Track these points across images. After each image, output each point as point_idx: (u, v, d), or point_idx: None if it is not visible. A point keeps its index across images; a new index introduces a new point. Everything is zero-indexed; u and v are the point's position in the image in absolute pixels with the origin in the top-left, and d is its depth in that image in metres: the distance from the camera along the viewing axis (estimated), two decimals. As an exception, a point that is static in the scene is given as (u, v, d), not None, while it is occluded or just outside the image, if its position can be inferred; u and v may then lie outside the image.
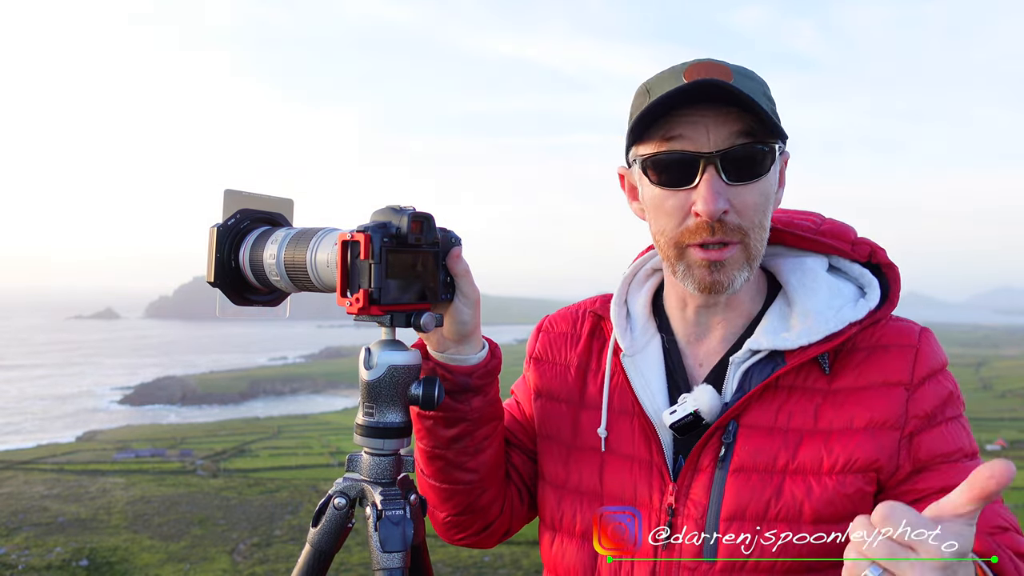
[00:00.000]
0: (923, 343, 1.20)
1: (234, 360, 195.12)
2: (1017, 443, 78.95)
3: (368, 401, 1.15)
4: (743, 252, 1.15)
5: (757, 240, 1.16)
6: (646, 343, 1.31)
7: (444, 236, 1.17)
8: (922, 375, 1.17)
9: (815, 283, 1.23)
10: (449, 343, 1.24)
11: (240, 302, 1.24)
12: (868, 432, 1.14)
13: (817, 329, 1.17)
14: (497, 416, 1.32)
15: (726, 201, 1.11)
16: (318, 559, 1.17)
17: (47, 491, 40.50)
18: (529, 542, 38.00)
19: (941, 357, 1.22)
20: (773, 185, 1.17)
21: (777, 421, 1.17)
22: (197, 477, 52.83)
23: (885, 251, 1.26)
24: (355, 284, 1.08)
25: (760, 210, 1.15)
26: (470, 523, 1.37)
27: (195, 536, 34.42)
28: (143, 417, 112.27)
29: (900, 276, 1.25)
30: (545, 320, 1.48)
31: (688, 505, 1.17)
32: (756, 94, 1.11)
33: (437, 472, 1.31)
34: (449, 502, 1.34)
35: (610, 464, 1.26)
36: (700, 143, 1.11)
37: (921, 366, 1.18)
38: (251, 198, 1.26)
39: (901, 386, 1.16)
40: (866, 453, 1.13)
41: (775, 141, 1.14)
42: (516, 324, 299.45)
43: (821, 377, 1.18)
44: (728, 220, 1.13)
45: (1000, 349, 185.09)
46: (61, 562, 29.07)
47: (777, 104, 1.20)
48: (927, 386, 1.17)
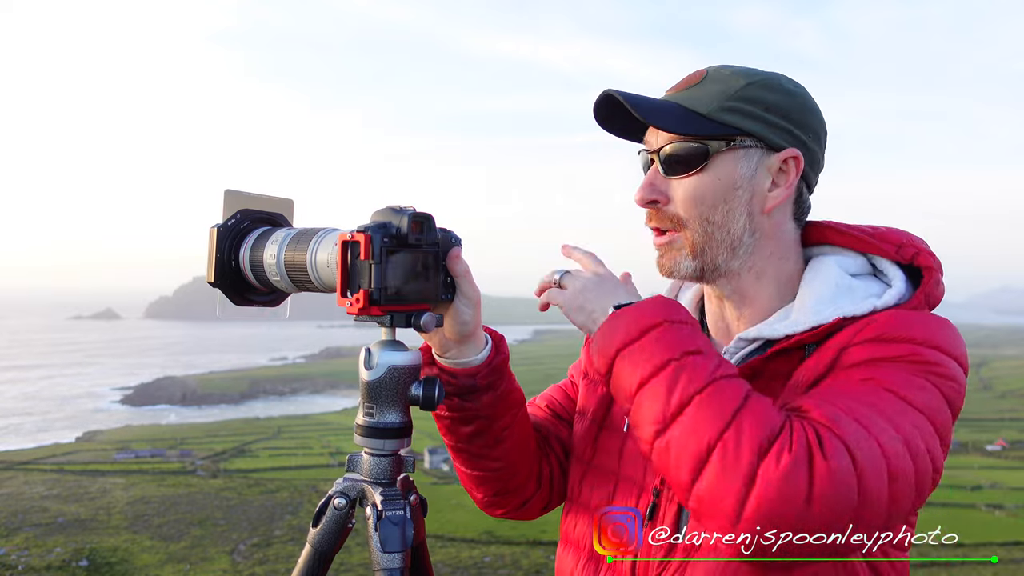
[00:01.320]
0: (893, 315, 1.11)
1: (234, 360, 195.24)
2: (1017, 443, 78.99)
3: (368, 401, 1.15)
4: (685, 241, 1.19)
5: (698, 231, 1.18)
6: None
7: (444, 236, 1.17)
8: (867, 336, 1.08)
9: (823, 279, 1.21)
10: (451, 344, 1.24)
11: (240, 302, 1.24)
12: (791, 390, 1.10)
13: (805, 320, 1.16)
14: (515, 404, 1.33)
15: (659, 192, 1.20)
16: (318, 559, 1.17)
17: (47, 491, 40.53)
18: (529, 542, 38.01)
19: (913, 331, 1.07)
20: (724, 180, 1.17)
21: None
22: (197, 477, 52.87)
23: (934, 257, 1.20)
24: (355, 284, 1.08)
25: (698, 203, 1.17)
26: (506, 502, 1.42)
27: (195, 536, 34.45)
28: (143, 417, 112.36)
29: (937, 279, 1.18)
30: None
31: (675, 501, 1.17)
32: (709, 96, 1.17)
33: (464, 462, 1.36)
34: (481, 487, 1.39)
35: (629, 446, 1.29)
36: (651, 142, 1.22)
37: (871, 329, 1.09)
38: (251, 198, 1.26)
39: (838, 347, 1.10)
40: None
41: (715, 141, 1.16)
42: (516, 324, 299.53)
43: (800, 364, 1.15)
44: (665, 209, 1.20)
45: (1000, 349, 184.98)
46: (61, 562, 29.10)
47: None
48: (867, 345, 1.07)
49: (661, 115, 1.18)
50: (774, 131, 1.17)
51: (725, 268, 1.21)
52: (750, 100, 1.17)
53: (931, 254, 1.20)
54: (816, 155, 1.22)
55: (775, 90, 1.18)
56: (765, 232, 1.21)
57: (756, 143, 1.18)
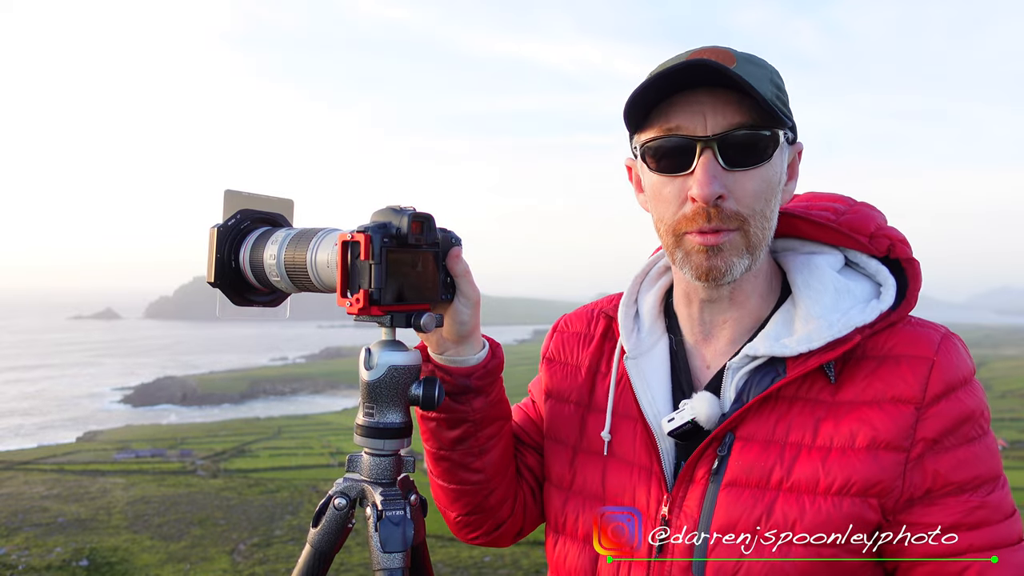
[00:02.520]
0: (942, 354, 1.10)
1: (234, 360, 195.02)
2: (1017, 443, 78.88)
3: (368, 401, 1.15)
4: (742, 239, 1.11)
5: (757, 228, 1.11)
6: (653, 344, 1.27)
7: (444, 236, 1.17)
8: (936, 392, 1.07)
9: (821, 283, 1.15)
10: (448, 344, 1.23)
11: (240, 302, 1.24)
12: (869, 452, 1.06)
13: (819, 335, 1.10)
14: (502, 416, 1.31)
15: (722, 186, 1.08)
16: (318, 559, 1.17)
17: (47, 491, 40.47)
18: (529, 542, 37.99)
19: (963, 370, 1.10)
20: (777, 174, 1.12)
21: (775, 434, 1.11)
22: (197, 477, 52.79)
23: (907, 244, 1.18)
24: (355, 284, 1.08)
25: (760, 197, 1.10)
26: (480, 523, 1.37)
27: (195, 536, 34.39)
28: (143, 417, 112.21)
29: (921, 273, 1.17)
30: (561, 320, 1.47)
31: (681, 517, 1.14)
32: (759, 79, 1.07)
33: (443, 473, 1.32)
34: (457, 503, 1.34)
35: (612, 468, 1.24)
36: (697, 128, 1.08)
37: (936, 382, 1.08)
38: (251, 198, 1.26)
39: (911, 404, 1.07)
40: (864, 475, 1.06)
41: (778, 128, 1.10)
42: (516, 324, 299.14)
43: (826, 387, 1.11)
44: (725, 206, 1.09)
45: (1000, 349, 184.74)
46: (61, 562, 29.05)
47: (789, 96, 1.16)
48: (942, 405, 1.07)
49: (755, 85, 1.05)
50: (793, 124, 1.14)
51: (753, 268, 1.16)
52: (781, 89, 1.13)
53: (904, 241, 1.18)
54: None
55: (782, 81, 1.15)
56: (773, 227, 1.18)
57: (790, 136, 1.14)
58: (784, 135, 1.12)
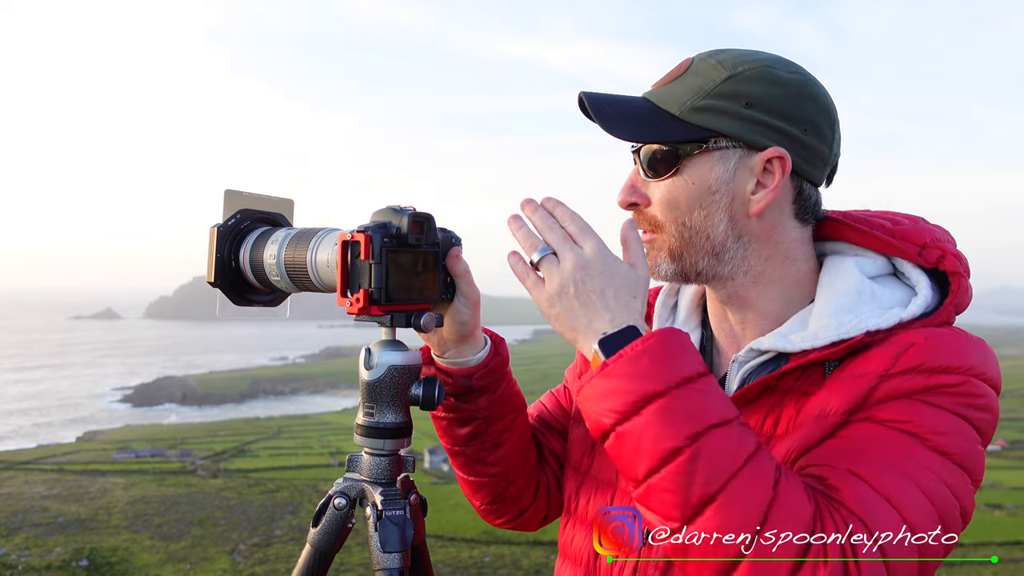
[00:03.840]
0: (932, 339, 1.02)
1: (234, 360, 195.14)
2: (1017, 443, 78.91)
3: (368, 401, 1.15)
4: (663, 244, 1.14)
5: (674, 236, 1.13)
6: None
7: (444, 236, 1.17)
8: (907, 366, 0.99)
9: (844, 284, 1.12)
10: (449, 344, 1.24)
11: (240, 302, 1.24)
12: (816, 419, 1.02)
13: (826, 334, 1.07)
14: (514, 409, 1.31)
15: (640, 194, 1.15)
16: (318, 559, 1.17)
17: (47, 491, 40.51)
18: (529, 542, 37.97)
19: (958, 359, 1.00)
20: (701, 183, 1.11)
21: (764, 427, 1.10)
22: (197, 477, 52.82)
23: (961, 259, 1.11)
24: (355, 284, 1.08)
25: (672, 207, 1.12)
26: (504, 511, 1.40)
27: (195, 536, 34.43)
28: (143, 417, 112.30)
29: (965, 289, 1.10)
30: None
31: None
32: (682, 92, 1.10)
33: (461, 467, 1.35)
34: (478, 493, 1.38)
35: None
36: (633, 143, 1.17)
37: (910, 357, 1.00)
38: (251, 198, 1.26)
39: (875, 375, 1.00)
40: (802, 442, 1.01)
41: (687, 143, 1.10)
42: (516, 324, 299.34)
43: (819, 380, 1.08)
44: (645, 212, 1.15)
45: (1000, 349, 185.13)
46: (61, 562, 29.07)
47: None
48: (908, 377, 0.99)
49: (622, 123, 1.11)
50: (754, 129, 1.09)
51: (712, 273, 1.15)
52: (728, 96, 1.09)
53: (957, 256, 1.12)
54: (813, 148, 1.12)
55: (761, 82, 1.09)
56: (756, 235, 1.14)
57: (733, 144, 1.10)
58: (704, 148, 1.10)
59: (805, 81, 1.12)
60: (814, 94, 1.12)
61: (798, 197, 1.15)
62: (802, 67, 1.14)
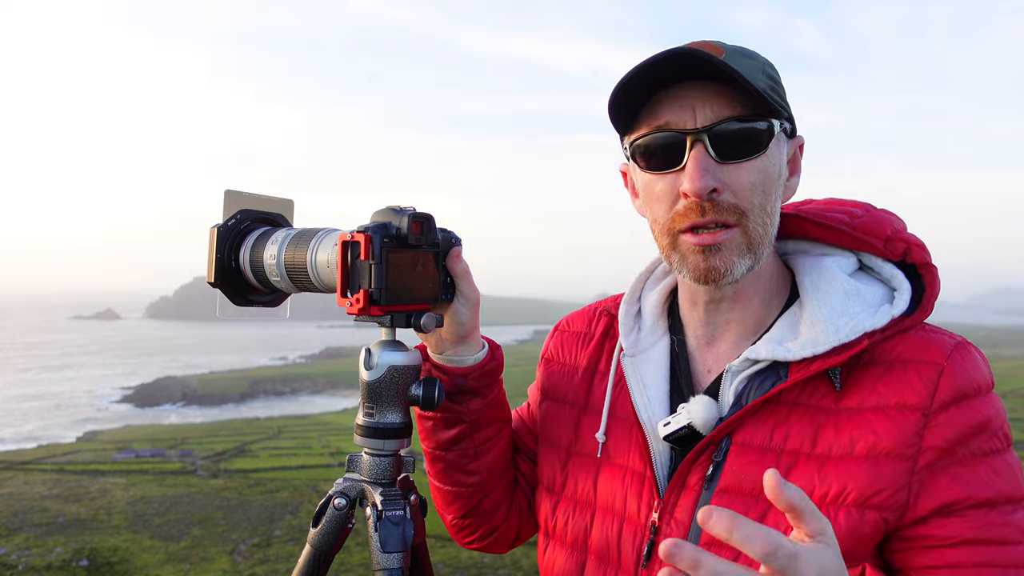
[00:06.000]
0: (953, 360, 1.03)
1: (234, 360, 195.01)
2: (1017, 443, 78.87)
3: (368, 401, 1.15)
4: (742, 236, 1.06)
5: (758, 224, 1.06)
6: (653, 344, 1.23)
7: (444, 236, 1.17)
8: (945, 399, 1.00)
9: (830, 286, 1.10)
10: (447, 344, 1.23)
11: (240, 302, 1.24)
12: (868, 460, 0.99)
13: (825, 339, 1.05)
14: (500, 419, 1.30)
15: (716, 179, 1.03)
16: (318, 559, 1.17)
17: (47, 491, 40.48)
18: (531, 543, 37.95)
19: (977, 378, 1.03)
20: (775, 167, 1.07)
21: (772, 441, 1.05)
22: (197, 477, 52.79)
23: (925, 249, 1.12)
24: (355, 284, 1.08)
25: (758, 190, 1.05)
26: (475, 527, 1.36)
27: (195, 536, 34.40)
28: (143, 417, 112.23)
29: (938, 279, 1.11)
30: (563, 320, 1.43)
31: (671, 524, 1.08)
32: (751, 70, 1.03)
33: (439, 473, 1.32)
34: (452, 504, 1.34)
35: (605, 472, 1.20)
36: (687, 122, 1.04)
37: (945, 388, 1.01)
38: (251, 198, 1.26)
39: (917, 411, 1.00)
40: (861, 485, 0.99)
41: (773, 119, 1.06)
42: (515, 324, 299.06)
43: (830, 394, 1.05)
44: (722, 200, 1.04)
45: (1000, 349, 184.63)
46: (61, 562, 29.06)
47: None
48: (952, 412, 1.00)
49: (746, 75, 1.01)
50: (790, 115, 1.10)
51: (755, 267, 1.10)
52: (775, 80, 1.08)
53: (921, 246, 1.12)
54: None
55: (775, 70, 1.10)
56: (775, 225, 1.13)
57: (787, 127, 1.10)
58: (781, 126, 1.07)
59: None
60: None
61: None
62: None
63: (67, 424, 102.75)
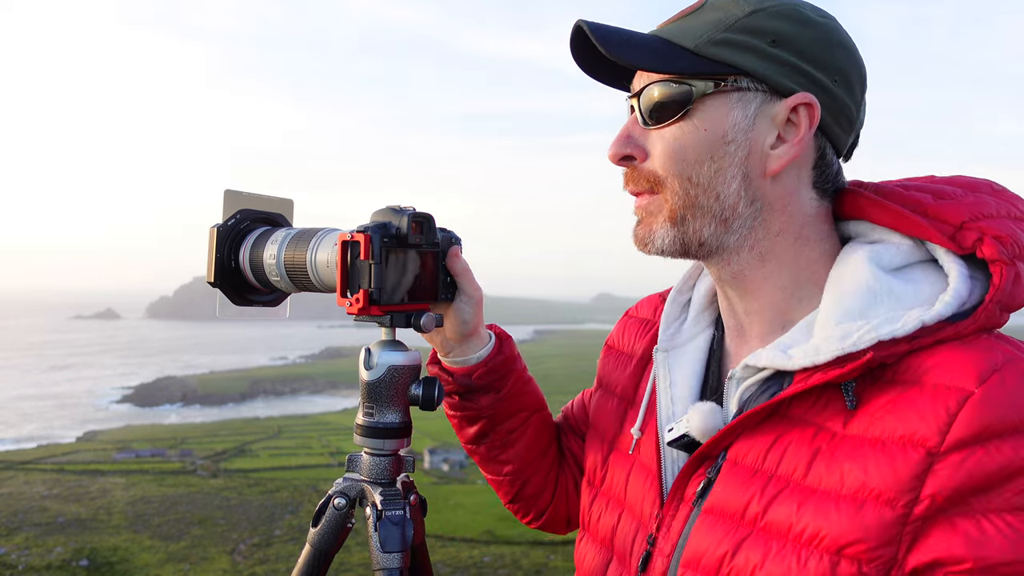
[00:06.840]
0: (991, 386, 0.81)
1: (234, 360, 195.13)
2: (1017, 443, 78.74)
3: (368, 401, 1.15)
4: (663, 205, 0.97)
5: (681, 195, 0.95)
6: (692, 336, 1.13)
7: (444, 236, 1.17)
8: (962, 436, 0.79)
9: (853, 282, 0.92)
10: (452, 344, 1.23)
11: (240, 302, 1.24)
12: (853, 502, 0.83)
13: (827, 347, 0.88)
14: (523, 408, 1.29)
15: (636, 146, 0.98)
16: (318, 559, 1.16)
17: (47, 491, 40.53)
18: (529, 542, 37.98)
19: (1017, 412, 0.80)
20: (714, 132, 0.94)
21: (766, 461, 0.91)
22: (197, 477, 52.84)
23: (1005, 242, 0.87)
24: (355, 284, 1.08)
25: (676, 158, 0.94)
26: (525, 510, 1.38)
27: (195, 536, 34.44)
28: (143, 417, 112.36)
29: (1008, 279, 0.86)
30: (635, 305, 1.35)
31: (665, 539, 1.01)
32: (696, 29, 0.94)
33: (479, 464, 1.36)
34: (499, 491, 1.38)
35: (636, 471, 1.13)
36: (635, 86, 1.00)
37: (967, 421, 0.79)
38: (251, 198, 1.25)
39: (922, 448, 0.81)
40: (837, 529, 0.83)
41: (701, 80, 0.93)
42: (515, 324, 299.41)
43: (841, 413, 0.88)
44: (642, 167, 0.98)
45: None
46: (61, 562, 29.10)
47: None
48: (970, 453, 0.79)
49: (632, 49, 0.94)
50: (781, 70, 0.92)
51: (717, 244, 0.97)
52: (753, 31, 0.92)
53: (1002, 238, 0.88)
54: (843, 104, 0.94)
55: (790, 19, 0.93)
56: (770, 202, 0.96)
57: (756, 85, 0.93)
58: (719, 85, 0.93)
59: (837, 27, 0.96)
60: (846, 43, 0.95)
61: (819, 161, 0.97)
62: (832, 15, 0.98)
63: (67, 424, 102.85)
